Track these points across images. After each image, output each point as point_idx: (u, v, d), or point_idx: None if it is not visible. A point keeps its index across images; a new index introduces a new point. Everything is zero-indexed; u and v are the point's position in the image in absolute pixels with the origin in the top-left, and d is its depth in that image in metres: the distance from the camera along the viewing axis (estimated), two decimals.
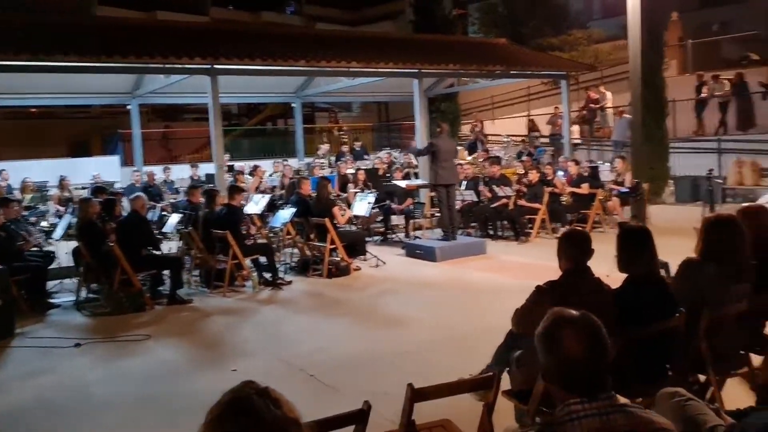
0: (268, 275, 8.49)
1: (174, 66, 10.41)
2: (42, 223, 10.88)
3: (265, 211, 10.08)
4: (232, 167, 13.80)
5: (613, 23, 21.61)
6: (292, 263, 9.42)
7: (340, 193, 11.84)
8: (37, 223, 10.70)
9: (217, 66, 10.45)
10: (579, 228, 5.04)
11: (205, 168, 14.11)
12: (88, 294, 8.10)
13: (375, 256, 9.47)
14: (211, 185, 11.00)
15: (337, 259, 8.96)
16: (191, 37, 11.77)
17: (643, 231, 3.58)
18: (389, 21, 33.34)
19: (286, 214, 9.23)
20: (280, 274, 8.62)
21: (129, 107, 15.56)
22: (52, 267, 8.50)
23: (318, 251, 9.05)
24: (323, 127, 24.87)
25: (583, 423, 1.72)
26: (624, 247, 3.58)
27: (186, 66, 10.45)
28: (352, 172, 13.01)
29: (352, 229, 10.12)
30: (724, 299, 3.63)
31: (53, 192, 12.76)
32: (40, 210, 11.75)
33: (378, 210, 11.10)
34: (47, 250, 9.08)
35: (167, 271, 7.98)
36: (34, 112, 23.20)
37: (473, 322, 6.36)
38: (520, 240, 10.67)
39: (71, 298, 8.04)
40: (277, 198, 11.44)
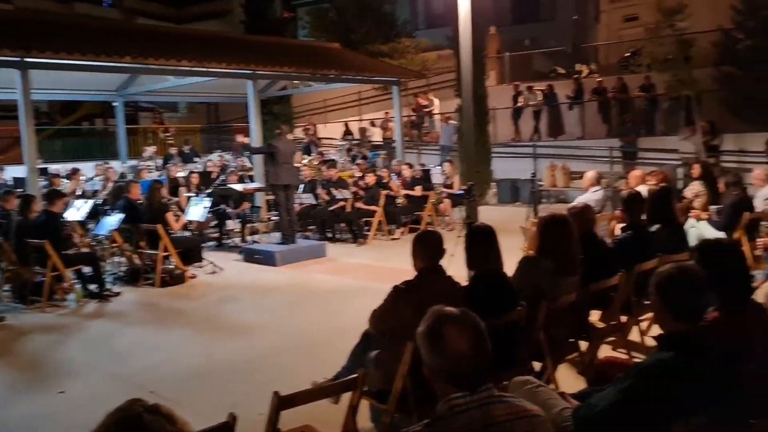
0: (93, 287, 7.84)
1: None
2: None
3: (88, 218, 9.31)
4: (45, 170, 12.59)
5: (438, 33, 22.77)
6: (120, 273, 8.78)
7: (171, 197, 11.25)
8: None
9: (28, 59, 9.44)
10: (432, 229, 5.20)
11: (12, 171, 12.74)
12: None
13: (211, 263, 9.12)
14: (21, 190, 9.94)
15: (171, 266, 8.51)
16: None
17: (489, 230, 3.77)
18: (216, 20, 32.43)
19: (112, 221, 8.59)
20: (108, 285, 8.00)
21: None
22: None
23: (150, 259, 8.52)
24: (148, 127, 23.52)
25: (465, 416, 1.77)
26: (472, 246, 3.76)
27: None
28: (182, 175, 12.43)
29: (187, 234, 9.68)
30: (558, 292, 3.94)
31: None
32: None
33: (213, 214, 10.72)
34: None
35: None
36: None
37: (320, 325, 6.33)
38: (359, 242, 10.83)
39: None
40: (100, 203, 10.60)
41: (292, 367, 5.15)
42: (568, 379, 4.28)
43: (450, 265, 3.86)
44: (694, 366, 2.44)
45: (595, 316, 4.66)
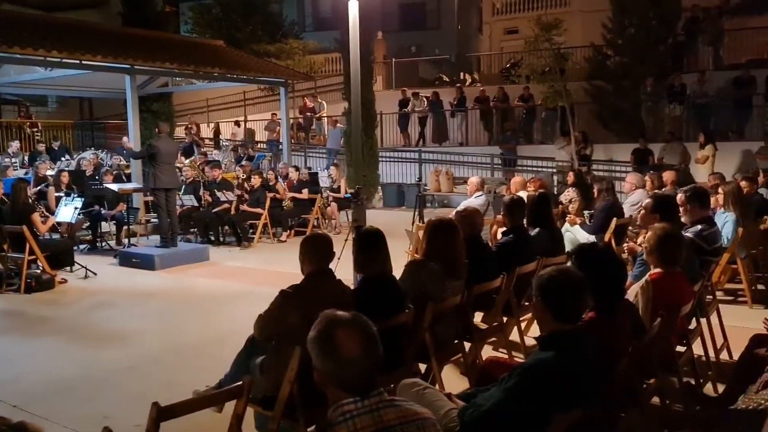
0: None
1: None
2: None
3: None
4: None
5: (325, 36, 22.71)
6: None
7: (37, 197, 10.47)
8: None
9: None
10: (321, 232, 5.15)
11: None
12: None
13: (84, 267, 8.55)
14: None
15: (38, 271, 7.91)
16: None
17: (378, 234, 3.77)
18: (92, 11, 30.62)
19: None
20: None
21: None
22: None
23: (14, 263, 7.89)
24: (12, 122, 21.81)
25: (356, 421, 1.75)
26: (361, 249, 3.74)
27: None
28: (52, 173, 11.62)
29: (56, 237, 9.04)
30: (444, 294, 4.01)
31: None
32: None
33: (85, 216, 10.09)
34: None
35: None
36: None
37: (202, 331, 6.10)
38: (243, 245, 10.57)
39: None
40: None
41: (171, 376, 4.92)
42: (453, 380, 4.36)
43: (338, 268, 3.84)
44: (572, 364, 2.55)
45: (478, 318, 4.79)
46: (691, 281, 4.05)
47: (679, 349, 4.02)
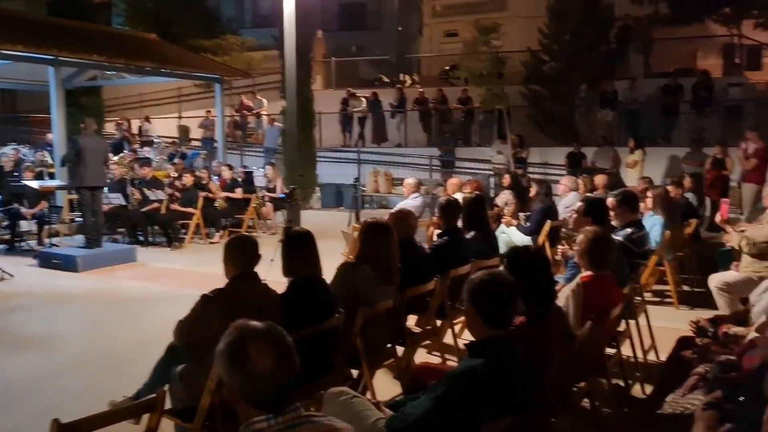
0: None
1: None
2: None
3: None
4: None
5: (264, 33, 22.29)
6: None
7: None
8: None
9: None
10: (245, 234, 4.97)
11: None
12: None
13: (0, 269, 8.09)
14: None
15: None
16: None
17: (307, 235, 3.63)
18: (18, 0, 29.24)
19: None
20: None
21: None
22: None
23: None
24: None
25: None
26: (289, 252, 3.60)
27: None
28: None
29: None
30: (376, 298, 3.90)
31: None
32: None
33: (4, 214, 9.56)
34: None
35: None
36: None
37: (124, 337, 5.81)
38: (174, 246, 10.21)
39: None
40: None
41: (89, 385, 4.65)
42: (385, 385, 4.28)
43: (271, 271, 3.67)
44: (502, 371, 2.48)
45: (411, 321, 4.71)
46: (620, 284, 4.07)
47: (609, 351, 4.04)
